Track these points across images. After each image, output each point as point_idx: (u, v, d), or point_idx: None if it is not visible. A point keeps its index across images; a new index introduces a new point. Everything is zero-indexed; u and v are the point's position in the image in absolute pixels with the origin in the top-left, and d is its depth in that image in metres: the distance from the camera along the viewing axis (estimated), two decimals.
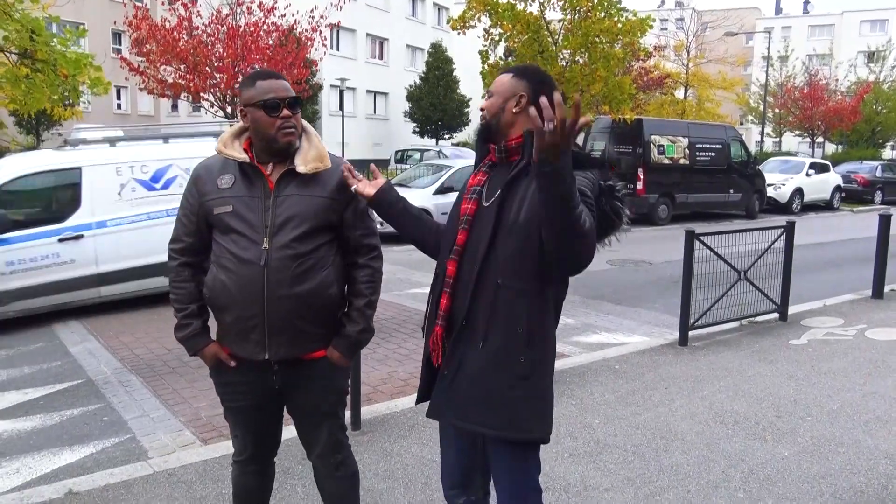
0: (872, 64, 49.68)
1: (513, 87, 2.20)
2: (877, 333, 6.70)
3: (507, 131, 2.22)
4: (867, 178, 24.21)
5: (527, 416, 2.15)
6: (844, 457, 4.01)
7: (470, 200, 2.25)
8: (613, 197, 2.15)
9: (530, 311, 2.13)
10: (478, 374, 2.15)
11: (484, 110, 2.25)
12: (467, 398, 2.17)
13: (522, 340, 2.12)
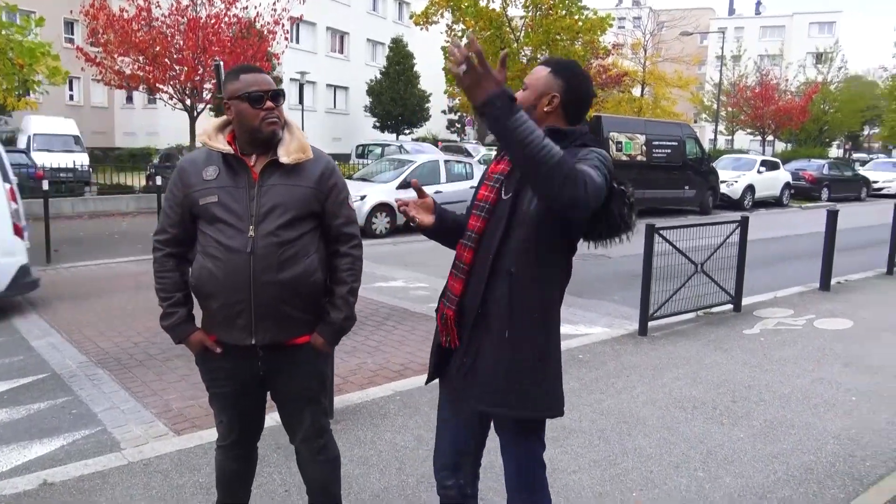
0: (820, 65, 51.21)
1: (548, 85, 2.25)
2: (824, 323, 7.03)
3: (540, 125, 2.17)
4: (815, 176, 25.00)
5: (544, 395, 2.27)
6: (795, 438, 4.24)
7: (491, 189, 2.30)
8: (624, 203, 2.22)
9: (542, 297, 2.24)
10: (498, 361, 2.23)
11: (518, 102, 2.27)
12: (489, 384, 2.25)
13: (537, 326, 2.23)
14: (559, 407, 2.33)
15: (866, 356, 5.94)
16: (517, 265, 2.21)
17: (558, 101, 2.25)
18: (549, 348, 2.29)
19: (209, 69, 15.22)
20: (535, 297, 2.24)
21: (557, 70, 2.29)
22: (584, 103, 2.35)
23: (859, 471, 3.83)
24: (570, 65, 2.36)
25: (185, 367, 5.50)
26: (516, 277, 2.21)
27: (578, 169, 1.99)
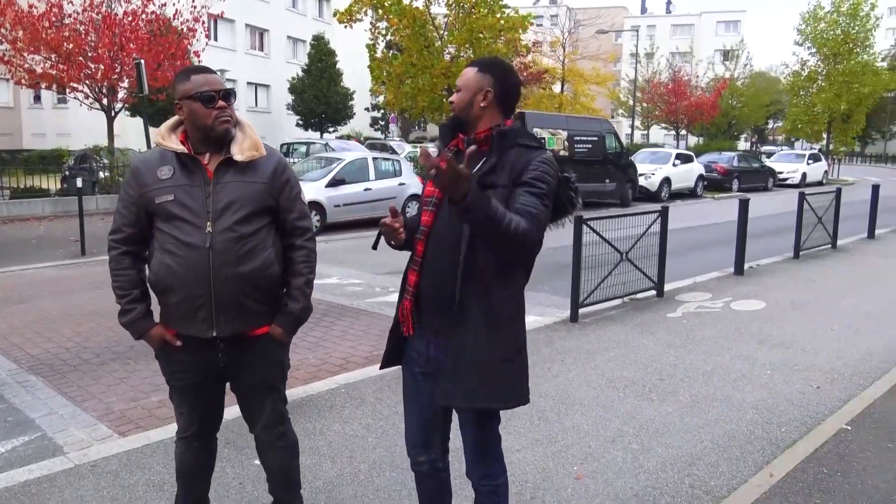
0: (728, 62, 53.59)
1: (479, 83, 2.38)
2: (740, 305, 7.50)
3: (476, 124, 2.40)
4: (726, 168, 26.23)
5: (519, 384, 2.42)
6: (718, 409, 4.57)
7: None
8: (569, 188, 2.41)
9: (512, 290, 2.39)
10: (480, 358, 2.33)
11: (453, 104, 2.41)
12: (474, 381, 2.34)
13: (513, 321, 2.39)
14: (527, 393, 2.48)
15: (778, 333, 6.40)
16: (489, 262, 2.32)
17: (492, 96, 2.39)
18: (521, 341, 2.45)
19: (127, 68, 14.76)
20: (507, 290, 2.39)
21: (484, 68, 2.43)
22: (514, 94, 2.50)
23: (776, 436, 4.17)
24: (495, 61, 2.51)
25: (123, 371, 5.43)
26: (489, 275, 2.33)
27: (530, 223, 2.19)
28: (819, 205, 11.12)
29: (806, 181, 29.20)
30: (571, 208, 2.44)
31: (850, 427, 4.25)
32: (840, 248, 11.70)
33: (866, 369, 5.41)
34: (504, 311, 2.37)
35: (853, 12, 33.63)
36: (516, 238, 2.16)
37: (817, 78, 35.31)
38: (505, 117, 2.45)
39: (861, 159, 63.44)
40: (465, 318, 2.35)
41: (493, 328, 2.35)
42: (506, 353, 2.38)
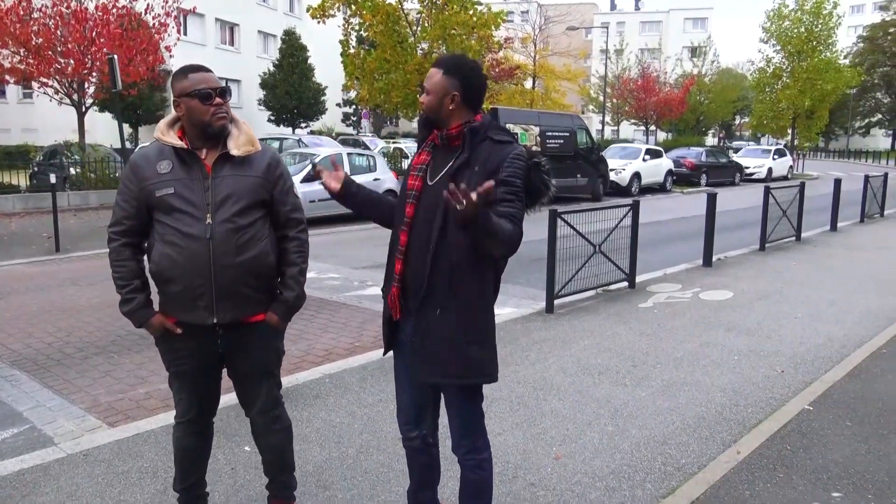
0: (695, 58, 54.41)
1: (445, 87, 2.51)
2: (708, 295, 7.76)
3: (448, 122, 2.55)
4: (694, 163, 26.72)
5: (486, 364, 2.58)
6: (689, 393, 4.79)
7: (416, 178, 2.60)
8: (540, 171, 2.57)
9: (481, 281, 2.55)
10: (446, 338, 2.51)
11: (423, 106, 2.56)
12: (440, 359, 2.53)
13: (478, 306, 2.54)
14: (496, 372, 2.65)
15: (744, 321, 6.66)
16: (459, 251, 2.48)
17: (459, 98, 2.53)
18: (487, 325, 2.61)
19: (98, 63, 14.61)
20: (475, 281, 2.55)
21: (449, 70, 2.54)
22: (480, 92, 2.64)
23: (743, 417, 4.40)
24: (460, 62, 2.59)
25: (107, 364, 5.50)
26: (458, 266, 2.50)
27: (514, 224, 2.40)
28: (784, 199, 11.46)
29: (772, 176, 29.87)
30: (546, 191, 2.60)
31: (811, 408, 4.49)
32: (804, 241, 12.07)
33: (827, 354, 5.68)
34: (471, 297, 2.53)
35: (816, 11, 34.35)
36: (507, 242, 2.38)
37: (782, 75, 36.02)
38: (474, 113, 2.60)
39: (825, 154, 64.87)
40: (434, 301, 2.52)
41: (460, 311, 2.51)
42: (471, 334, 2.54)
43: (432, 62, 12.11)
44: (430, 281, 2.52)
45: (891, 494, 3.41)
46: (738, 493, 3.41)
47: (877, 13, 76.40)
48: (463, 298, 2.52)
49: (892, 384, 4.93)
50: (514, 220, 2.43)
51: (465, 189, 2.15)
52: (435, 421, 2.87)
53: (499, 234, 2.33)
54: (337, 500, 3.38)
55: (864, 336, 6.20)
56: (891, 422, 4.29)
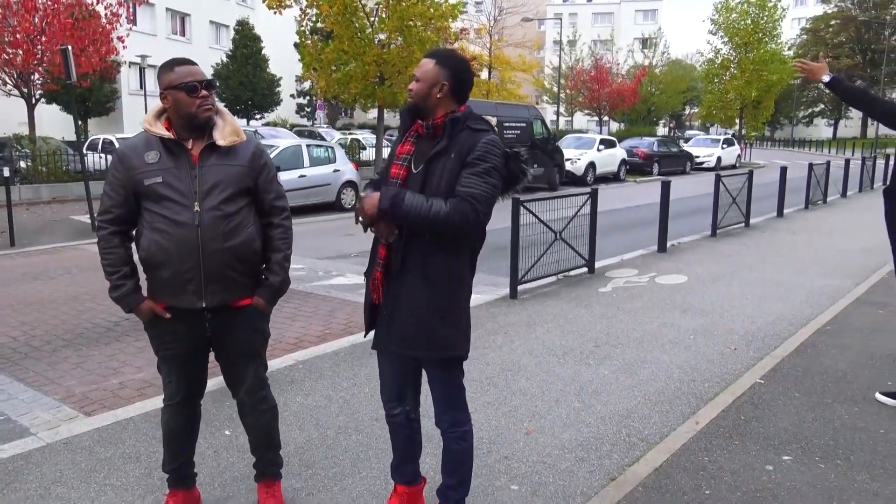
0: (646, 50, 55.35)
1: (436, 76, 2.65)
2: (664, 279, 8.07)
3: (433, 111, 2.68)
4: (646, 153, 27.31)
5: (454, 338, 2.72)
6: (649, 370, 5.03)
7: (401, 167, 2.72)
8: (519, 161, 2.73)
9: (451, 258, 2.69)
10: (415, 310, 2.66)
11: (412, 92, 2.69)
12: (408, 331, 2.68)
13: (447, 281, 2.68)
14: (466, 348, 2.79)
15: (699, 303, 6.97)
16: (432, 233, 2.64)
17: (447, 88, 2.68)
18: (457, 303, 2.75)
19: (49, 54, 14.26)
20: (446, 258, 2.69)
21: (442, 61, 2.70)
22: (467, 86, 2.80)
23: (699, 391, 4.66)
24: (452, 55, 2.78)
25: (76, 356, 5.50)
26: (431, 242, 2.65)
27: (461, 204, 2.54)
28: (733, 186, 11.89)
29: (721, 164, 30.68)
30: (523, 177, 2.76)
31: (763, 381, 4.78)
32: (752, 226, 12.54)
33: (776, 332, 6.01)
34: (439, 275, 2.67)
35: (762, 4, 35.36)
36: (439, 222, 2.53)
37: (730, 66, 36.99)
38: (458, 105, 2.76)
39: (770, 143, 66.76)
40: (405, 277, 2.68)
41: (429, 287, 2.66)
42: (439, 310, 2.68)
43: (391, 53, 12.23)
44: (404, 258, 2.67)
45: (835, 456, 3.69)
46: (698, 460, 3.65)
47: (819, 6, 78.70)
48: (434, 276, 2.66)
49: (835, 358, 5.26)
50: (468, 196, 2.55)
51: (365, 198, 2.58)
52: (417, 397, 3.02)
53: (424, 215, 2.52)
54: (320, 477, 3.51)
55: (809, 314, 6.56)
56: (835, 392, 4.60)
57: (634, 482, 3.41)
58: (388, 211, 2.55)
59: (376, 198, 2.58)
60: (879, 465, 3.60)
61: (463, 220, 2.55)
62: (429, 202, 2.54)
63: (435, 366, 2.81)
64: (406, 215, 2.55)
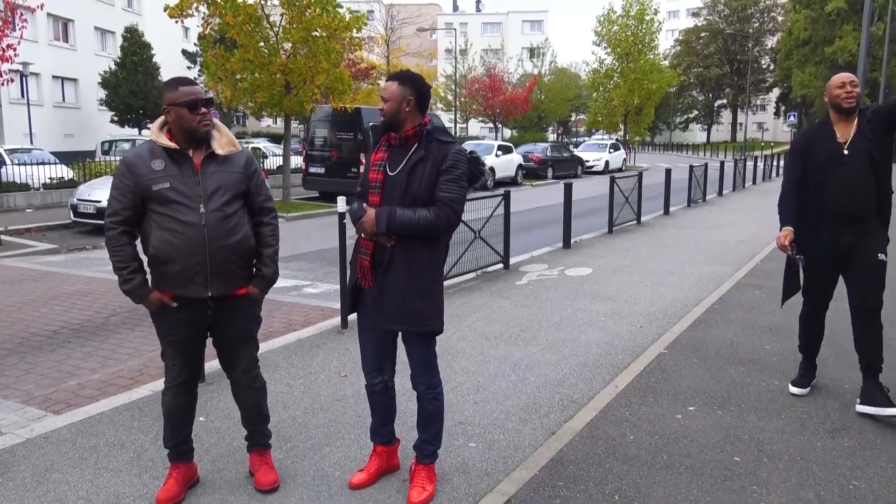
0: (535, 59, 57.51)
1: (402, 94, 3.17)
2: (572, 272, 8.87)
3: (404, 124, 3.19)
4: (541, 157, 28.63)
5: (433, 314, 3.24)
6: (571, 348, 5.72)
7: (378, 171, 3.22)
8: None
9: (429, 249, 3.20)
10: (399, 294, 3.15)
11: (383, 112, 3.20)
12: (395, 310, 3.17)
13: (426, 268, 3.19)
14: (441, 324, 3.33)
15: (605, 291, 7.78)
16: None
17: (413, 103, 3.22)
18: (434, 285, 3.28)
19: None
20: (424, 249, 3.21)
21: (403, 81, 3.23)
22: (427, 98, 3.34)
23: (616, 361, 5.38)
24: (410, 74, 3.33)
25: (24, 363, 5.61)
26: (413, 237, 3.15)
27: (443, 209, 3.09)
28: (626, 187, 12.98)
29: (609, 168, 32.53)
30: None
31: (667, 351, 5.56)
32: (644, 224, 13.70)
33: (673, 311, 6.87)
34: (421, 262, 3.19)
35: (640, 17, 37.73)
36: (427, 228, 3.10)
37: (613, 75, 39.19)
38: (423, 116, 3.30)
39: (651, 148, 70.78)
40: (393, 266, 3.18)
41: (412, 274, 3.17)
42: (419, 292, 3.19)
43: (297, 62, 12.52)
44: (392, 251, 3.17)
45: (729, 404, 4.47)
46: (620, 414, 4.33)
47: (690, 19, 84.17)
48: (416, 264, 3.19)
49: (723, 330, 6.14)
50: (448, 201, 3.10)
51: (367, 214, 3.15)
52: (393, 369, 3.52)
53: (416, 227, 3.07)
54: (299, 448, 3.94)
55: (699, 296, 7.49)
56: (724, 356, 5.43)
57: (571, 434, 4.04)
58: (386, 229, 3.08)
59: (373, 219, 3.10)
60: (763, 408, 4.41)
61: (446, 223, 3.12)
62: (416, 214, 3.06)
63: (415, 338, 3.32)
64: (400, 229, 3.08)
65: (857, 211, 4.18)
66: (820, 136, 4.29)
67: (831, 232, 4.23)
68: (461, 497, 3.40)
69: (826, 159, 4.20)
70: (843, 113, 4.20)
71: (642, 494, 3.37)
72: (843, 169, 4.15)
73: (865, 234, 4.20)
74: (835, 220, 4.22)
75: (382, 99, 3.25)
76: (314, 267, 9.57)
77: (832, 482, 3.47)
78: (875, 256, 4.18)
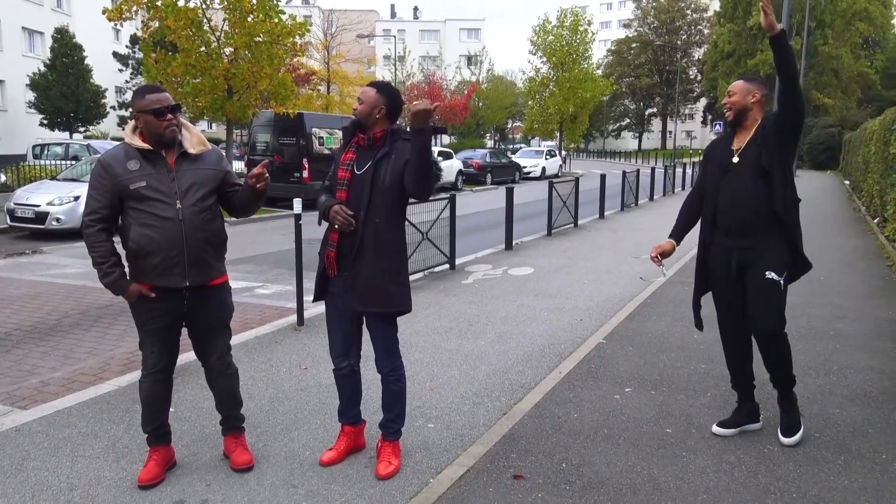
0: (472, 66, 58.31)
1: (376, 100, 3.49)
2: (515, 271, 9.30)
3: (374, 127, 3.51)
4: (480, 163, 29.21)
5: (402, 296, 3.56)
6: (517, 340, 6.11)
7: (346, 170, 3.52)
8: (435, 164, 3.63)
9: (395, 235, 3.53)
10: (370, 278, 3.46)
11: (357, 112, 3.51)
12: (365, 293, 3.47)
13: (394, 252, 3.51)
14: (409, 305, 3.66)
15: (547, 288, 8.22)
16: (381, 216, 3.48)
17: (385, 111, 3.56)
18: (402, 267, 3.61)
19: None
20: (392, 235, 3.54)
21: (380, 90, 3.58)
22: (399, 108, 3.68)
23: (558, 351, 5.80)
24: (389, 86, 3.67)
25: None
26: (381, 224, 3.49)
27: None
28: (564, 192, 13.54)
29: (545, 174, 33.38)
30: (439, 171, 3.70)
31: (605, 341, 6.01)
32: (580, 227, 14.30)
33: (610, 306, 7.36)
34: (389, 247, 3.52)
35: (574, 27, 38.85)
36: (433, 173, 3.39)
37: (549, 83, 40.19)
38: (391, 123, 3.62)
39: (585, 154, 72.62)
40: (364, 252, 3.48)
41: (382, 258, 3.48)
42: (388, 275, 3.51)
43: (239, 67, 12.72)
44: (362, 238, 3.47)
45: (662, 386, 4.93)
46: (565, 396, 4.73)
47: (621, 30, 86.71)
48: (384, 249, 3.50)
49: (655, 322, 6.64)
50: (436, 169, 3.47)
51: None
52: (358, 353, 3.81)
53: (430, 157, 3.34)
54: (270, 433, 4.19)
55: (633, 292, 8.01)
56: (657, 345, 5.91)
57: (521, 414, 4.41)
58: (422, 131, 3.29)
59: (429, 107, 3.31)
60: (692, 388, 4.88)
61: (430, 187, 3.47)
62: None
63: (379, 323, 3.62)
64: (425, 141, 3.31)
65: (745, 222, 3.82)
66: (719, 145, 4.07)
67: (723, 245, 3.94)
68: (424, 469, 3.72)
69: (719, 167, 3.96)
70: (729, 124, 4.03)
71: (587, 462, 3.76)
72: (732, 177, 3.87)
73: (755, 250, 3.82)
74: (724, 232, 3.93)
75: (358, 100, 3.57)
76: (263, 269, 9.73)
77: (750, 448, 3.94)
78: (762, 275, 3.78)
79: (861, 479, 3.58)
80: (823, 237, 12.63)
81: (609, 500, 3.37)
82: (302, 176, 18.04)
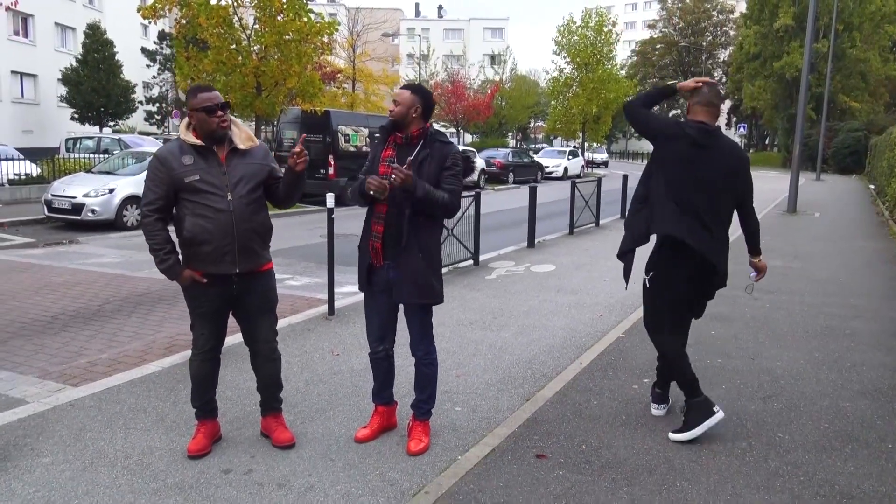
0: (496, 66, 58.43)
1: (412, 101, 3.74)
2: (537, 268, 9.52)
3: (410, 126, 3.76)
4: (503, 163, 29.34)
5: (439, 289, 3.82)
6: (540, 332, 6.34)
7: (388, 166, 3.77)
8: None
9: (435, 232, 3.80)
10: (415, 271, 3.71)
11: (393, 113, 3.76)
12: (411, 286, 3.72)
13: (434, 249, 3.79)
14: (442, 297, 3.91)
15: (568, 285, 8.44)
16: (424, 215, 3.73)
17: (420, 110, 3.81)
18: (440, 263, 3.87)
19: None
20: (433, 231, 3.80)
21: (414, 91, 3.84)
22: (432, 108, 3.94)
23: (580, 343, 6.02)
24: (422, 87, 3.94)
25: (31, 345, 5.99)
26: (423, 221, 3.74)
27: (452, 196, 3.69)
28: (586, 192, 13.72)
29: (567, 174, 33.47)
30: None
31: (624, 335, 6.22)
32: (602, 226, 14.48)
33: (630, 303, 7.55)
34: (431, 246, 3.80)
35: (598, 28, 38.85)
36: (443, 206, 3.68)
37: (573, 84, 40.20)
38: (425, 122, 3.87)
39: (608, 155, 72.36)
40: (409, 249, 3.73)
41: (424, 256, 3.75)
42: (430, 270, 3.78)
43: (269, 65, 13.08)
44: (408, 234, 3.72)
45: None
46: (585, 385, 4.96)
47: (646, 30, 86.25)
48: (426, 244, 3.76)
49: None
50: (453, 192, 3.72)
51: (398, 166, 3.54)
52: (393, 338, 4.07)
53: (435, 201, 3.62)
54: (306, 413, 4.46)
55: None
56: None
57: (543, 400, 4.65)
58: (415, 188, 3.55)
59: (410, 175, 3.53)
60: (708, 381, 5.07)
61: (453, 208, 3.74)
62: (438, 192, 3.63)
63: (418, 311, 3.88)
64: (424, 195, 3.58)
65: None
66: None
67: None
68: (452, 448, 3.97)
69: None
70: None
71: (605, 445, 3.99)
72: None
73: None
74: None
75: (394, 102, 3.82)
76: (291, 262, 10.02)
77: (762, 435, 4.15)
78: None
79: (866, 465, 3.78)
80: (845, 240, 12.71)
81: (626, 478, 3.60)
82: (328, 173, 18.36)
